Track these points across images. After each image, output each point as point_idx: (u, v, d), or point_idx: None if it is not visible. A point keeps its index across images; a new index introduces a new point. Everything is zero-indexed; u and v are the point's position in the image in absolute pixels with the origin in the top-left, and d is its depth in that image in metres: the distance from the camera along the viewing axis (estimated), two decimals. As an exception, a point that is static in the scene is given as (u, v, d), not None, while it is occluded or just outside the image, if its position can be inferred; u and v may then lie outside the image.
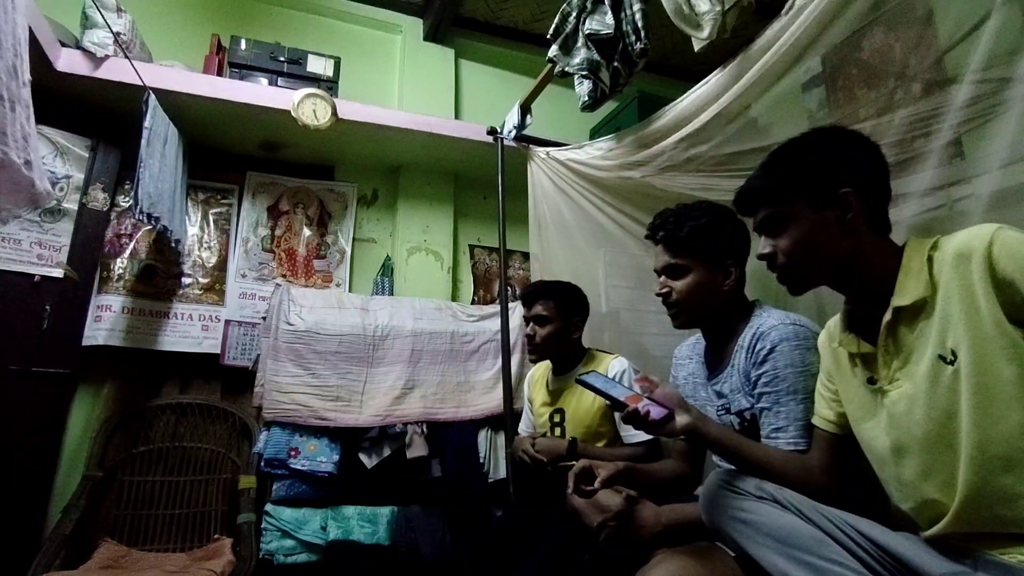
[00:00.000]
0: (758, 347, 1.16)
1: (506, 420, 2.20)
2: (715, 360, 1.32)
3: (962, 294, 0.79)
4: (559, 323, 1.78)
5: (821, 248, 0.93)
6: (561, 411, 1.80)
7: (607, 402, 1.11)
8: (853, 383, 0.97)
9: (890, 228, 0.95)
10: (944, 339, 0.81)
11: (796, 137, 1.00)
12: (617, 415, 1.63)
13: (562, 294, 1.82)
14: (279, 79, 2.56)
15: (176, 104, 2.28)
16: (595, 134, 2.93)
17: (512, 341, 2.39)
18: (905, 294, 0.86)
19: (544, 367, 1.93)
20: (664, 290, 1.32)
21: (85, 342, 2.27)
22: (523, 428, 2.03)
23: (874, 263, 0.91)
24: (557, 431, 1.80)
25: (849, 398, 0.98)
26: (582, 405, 1.73)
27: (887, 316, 0.88)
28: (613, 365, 1.72)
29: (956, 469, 0.80)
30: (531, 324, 1.82)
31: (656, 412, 1.01)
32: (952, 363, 0.80)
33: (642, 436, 1.60)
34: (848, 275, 0.94)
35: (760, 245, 1.02)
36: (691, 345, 1.45)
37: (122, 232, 2.45)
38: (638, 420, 1.01)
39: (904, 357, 0.87)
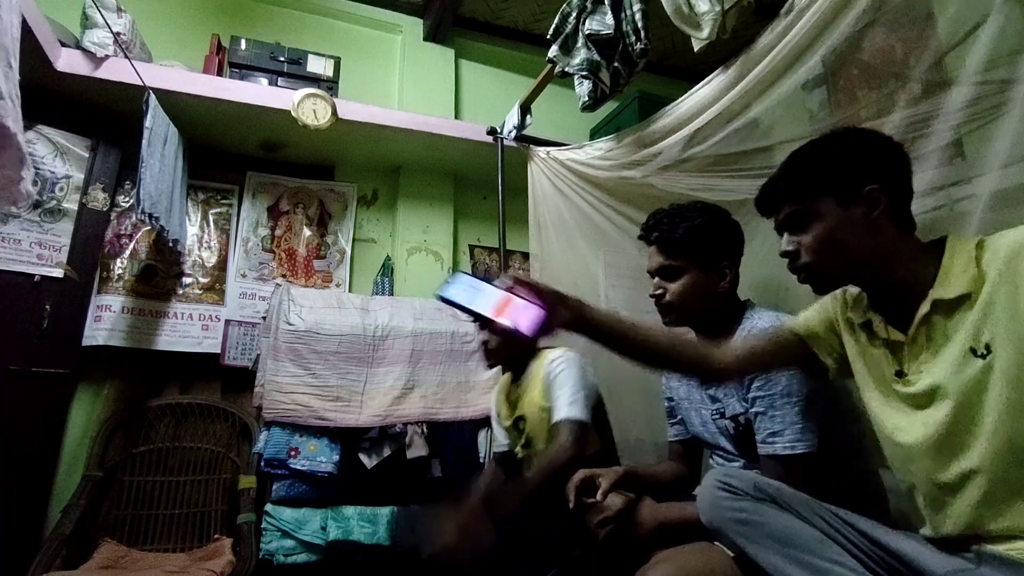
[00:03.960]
0: None
1: (506, 420, 2.19)
2: (709, 362, 1.31)
3: (1009, 290, 0.78)
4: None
5: (847, 245, 0.92)
6: (522, 418, 1.72)
7: (473, 319, 1.01)
8: (875, 354, 0.96)
9: (915, 225, 0.94)
10: (979, 333, 0.80)
11: (818, 137, 1.00)
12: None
13: None
14: (279, 79, 2.56)
15: (176, 104, 2.28)
16: (595, 134, 2.93)
17: (512, 341, 2.38)
18: (949, 288, 0.84)
19: (506, 378, 1.86)
20: (658, 291, 1.31)
21: (85, 342, 2.27)
22: (499, 444, 1.91)
23: (900, 260, 0.91)
24: (522, 439, 1.72)
25: (866, 367, 0.97)
26: (533, 403, 1.64)
27: (924, 308, 0.86)
28: (550, 356, 1.60)
29: (975, 465, 0.79)
30: (485, 331, 1.73)
31: (529, 318, 0.92)
32: (984, 357, 0.79)
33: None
34: (873, 272, 0.93)
35: (783, 243, 1.01)
36: (686, 347, 1.45)
37: (122, 232, 2.45)
38: (512, 334, 0.94)
39: (934, 349, 0.86)
